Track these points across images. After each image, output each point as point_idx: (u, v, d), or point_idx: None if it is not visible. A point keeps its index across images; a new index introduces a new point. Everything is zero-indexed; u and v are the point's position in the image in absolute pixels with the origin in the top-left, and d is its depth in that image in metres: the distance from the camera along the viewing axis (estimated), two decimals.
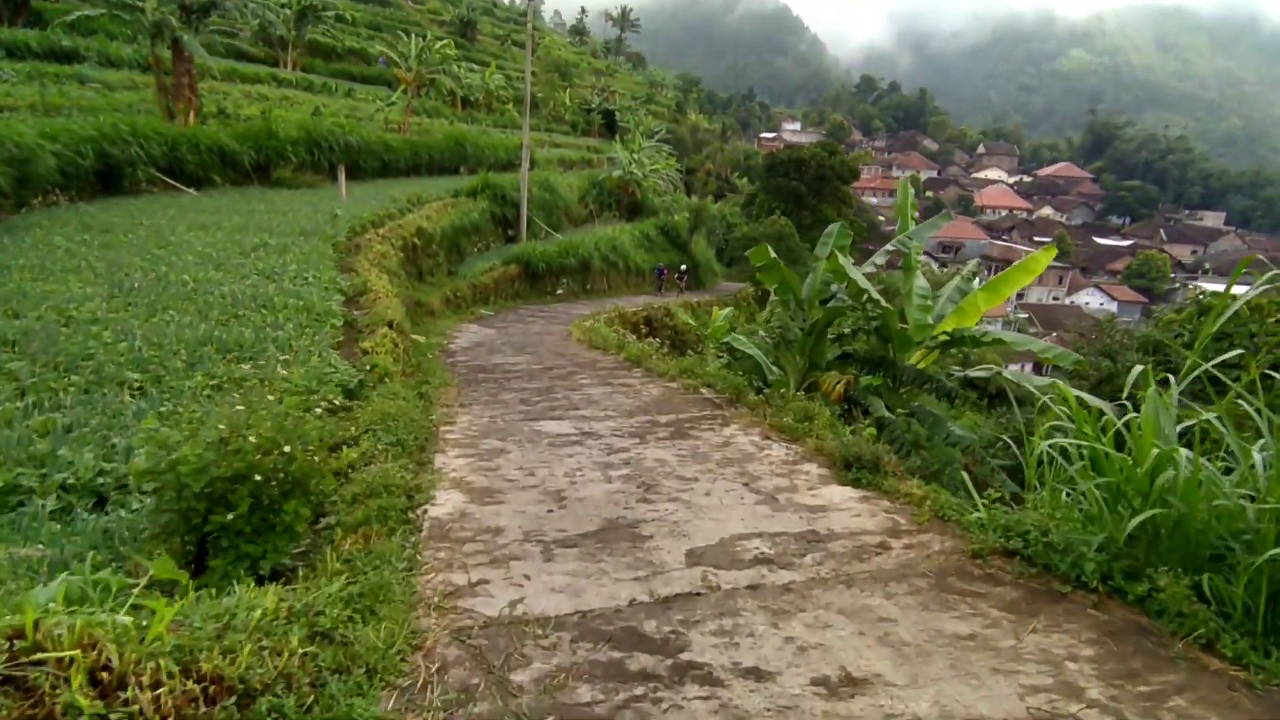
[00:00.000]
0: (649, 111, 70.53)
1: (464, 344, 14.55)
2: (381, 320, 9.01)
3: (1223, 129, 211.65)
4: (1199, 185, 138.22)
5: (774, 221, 35.10)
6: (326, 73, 42.09)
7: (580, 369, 10.77)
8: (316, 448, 3.79)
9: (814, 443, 6.02)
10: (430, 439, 6.14)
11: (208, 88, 28.46)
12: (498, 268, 22.86)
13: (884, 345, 7.99)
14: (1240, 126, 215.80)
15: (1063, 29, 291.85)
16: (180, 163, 19.40)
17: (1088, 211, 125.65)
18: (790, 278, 7.65)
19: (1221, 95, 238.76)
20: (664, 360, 10.51)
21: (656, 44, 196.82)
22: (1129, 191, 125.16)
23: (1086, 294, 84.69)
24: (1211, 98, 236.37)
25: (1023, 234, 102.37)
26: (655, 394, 8.58)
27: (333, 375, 6.57)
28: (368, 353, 7.67)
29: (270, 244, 12.35)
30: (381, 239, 15.93)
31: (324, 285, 9.91)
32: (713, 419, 7.18)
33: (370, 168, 26.57)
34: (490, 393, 8.82)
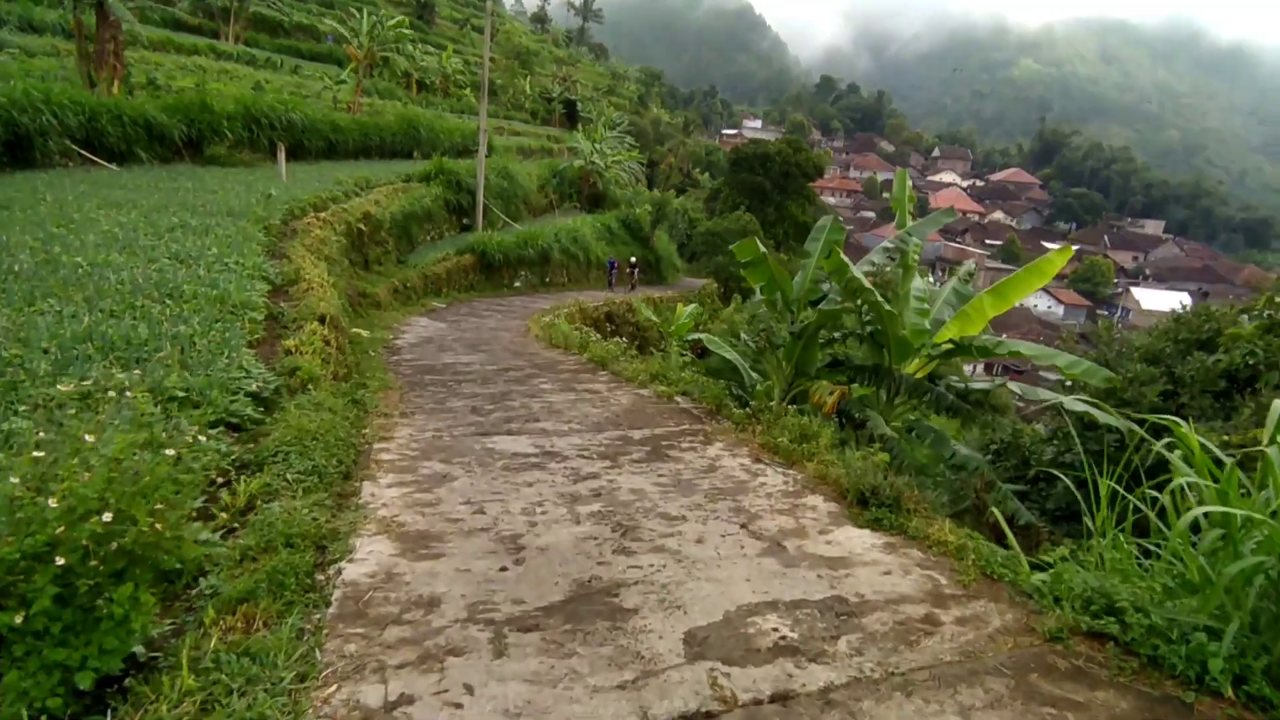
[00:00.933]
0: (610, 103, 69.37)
1: (411, 339, 13.38)
2: (311, 314, 7.86)
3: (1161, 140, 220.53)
4: (1141, 194, 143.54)
5: (738, 217, 34.49)
6: (271, 48, 39.86)
7: (540, 371, 9.77)
8: (171, 502, 2.75)
9: (815, 468, 5.17)
10: (359, 461, 5.10)
11: (138, 57, 26.38)
12: (451, 258, 21.58)
13: (878, 352, 7.24)
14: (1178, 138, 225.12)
15: (1014, 38, 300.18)
16: (100, 135, 17.63)
17: (1036, 216, 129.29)
18: (781, 275, 6.80)
19: (1161, 107, 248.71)
20: (633, 363, 9.59)
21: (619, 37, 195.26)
22: (1075, 199, 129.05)
23: (1034, 297, 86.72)
24: (1152, 110, 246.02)
25: (975, 237, 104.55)
26: (625, 403, 7.65)
27: (241, 381, 5.47)
28: (291, 353, 6.55)
29: (191, 225, 10.98)
30: (322, 223, 14.60)
31: (247, 273, 8.68)
32: (693, 435, 6.29)
33: (315, 148, 24.91)
34: (437, 398, 7.77)
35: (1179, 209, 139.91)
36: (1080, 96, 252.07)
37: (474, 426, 6.46)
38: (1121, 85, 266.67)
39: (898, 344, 6.86)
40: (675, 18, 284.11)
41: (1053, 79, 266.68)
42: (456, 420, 6.70)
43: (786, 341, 6.97)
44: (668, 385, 8.30)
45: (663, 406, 7.48)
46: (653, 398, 7.93)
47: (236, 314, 7.07)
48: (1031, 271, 7.09)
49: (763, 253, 6.70)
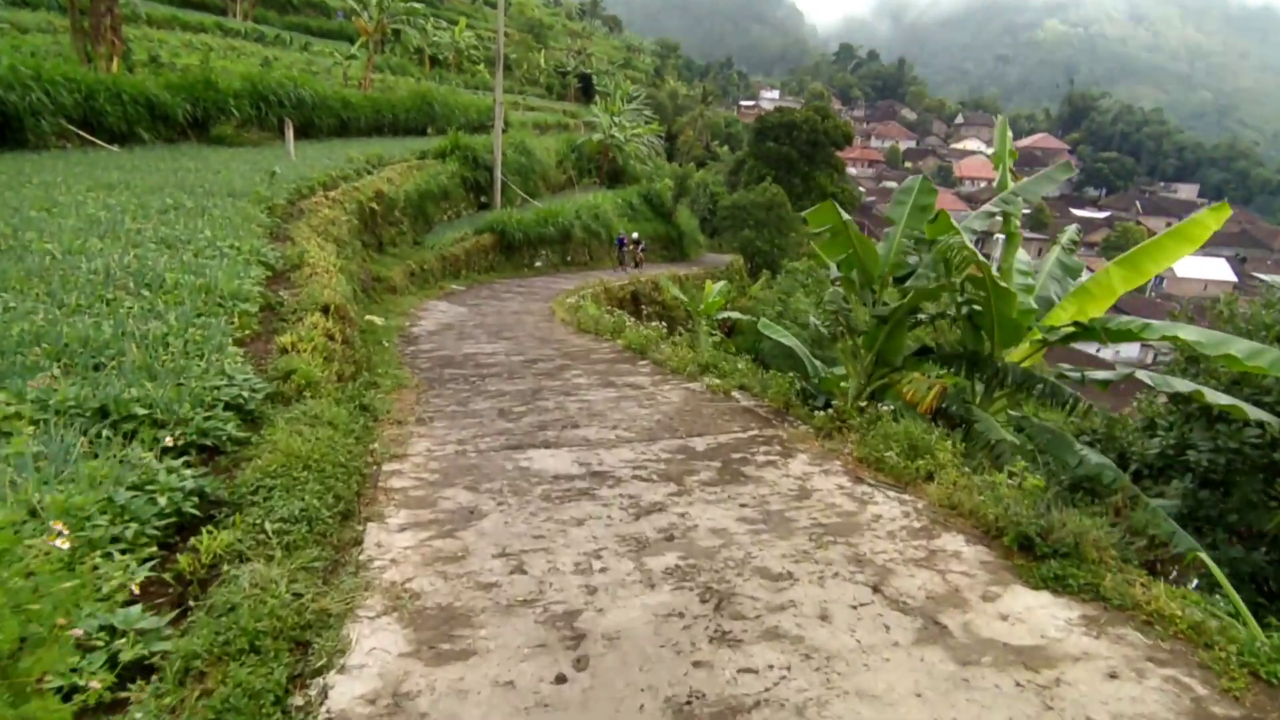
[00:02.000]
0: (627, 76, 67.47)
1: (429, 326, 12.38)
2: (314, 304, 6.84)
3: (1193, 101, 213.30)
4: (1174, 158, 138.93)
5: (764, 189, 32.98)
6: (280, 25, 38.72)
7: (571, 360, 8.72)
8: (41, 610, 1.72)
9: (939, 493, 4.07)
10: (364, 492, 4.07)
11: (140, 34, 25.41)
12: (469, 237, 20.50)
13: (976, 337, 6.10)
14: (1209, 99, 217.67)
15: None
16: (99, 115, 16.68)
17: (1065, 184, 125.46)
18: (865, 248, 5.63)
19: (1191, 68, 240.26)
20: (675, 350, 8.50)
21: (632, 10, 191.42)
22: (1105, 163, 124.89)
23: None
24: (1182, 70, 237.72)
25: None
26: (676, 401, 6.57)
27: (221, 390, 4.46)
28: (287, 351, 5.53)
29: (186, 206, 9.98)
30: (331, 203, 13.57)
31: (242, 258, 7.67)
32: (767, 444, 5.20)
33: (326, 125, 23.83)
34: (459, 398, 6.74)
35: (1214, 172, 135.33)
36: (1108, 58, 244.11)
37: (503, 436, 5.42)
38: (1151, 45, 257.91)
39: (1004, 327, 5.70)
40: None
41: (1080, 40, 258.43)
42: (483, 428, 5.66)
43: (870, 326, 5.85)
44: (722, 378, 7.21)
45: (720, 405, 6.39)
46: (706, 393, 6.84)
47: (224, 306, 6.06)
48: (1177, 236, 5.82)
49: (843, 220, 5.56)
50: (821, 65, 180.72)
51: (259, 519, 3.23)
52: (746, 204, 32.97)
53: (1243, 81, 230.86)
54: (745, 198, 33.44)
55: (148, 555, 3.06)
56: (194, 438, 4.03)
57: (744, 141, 70.97)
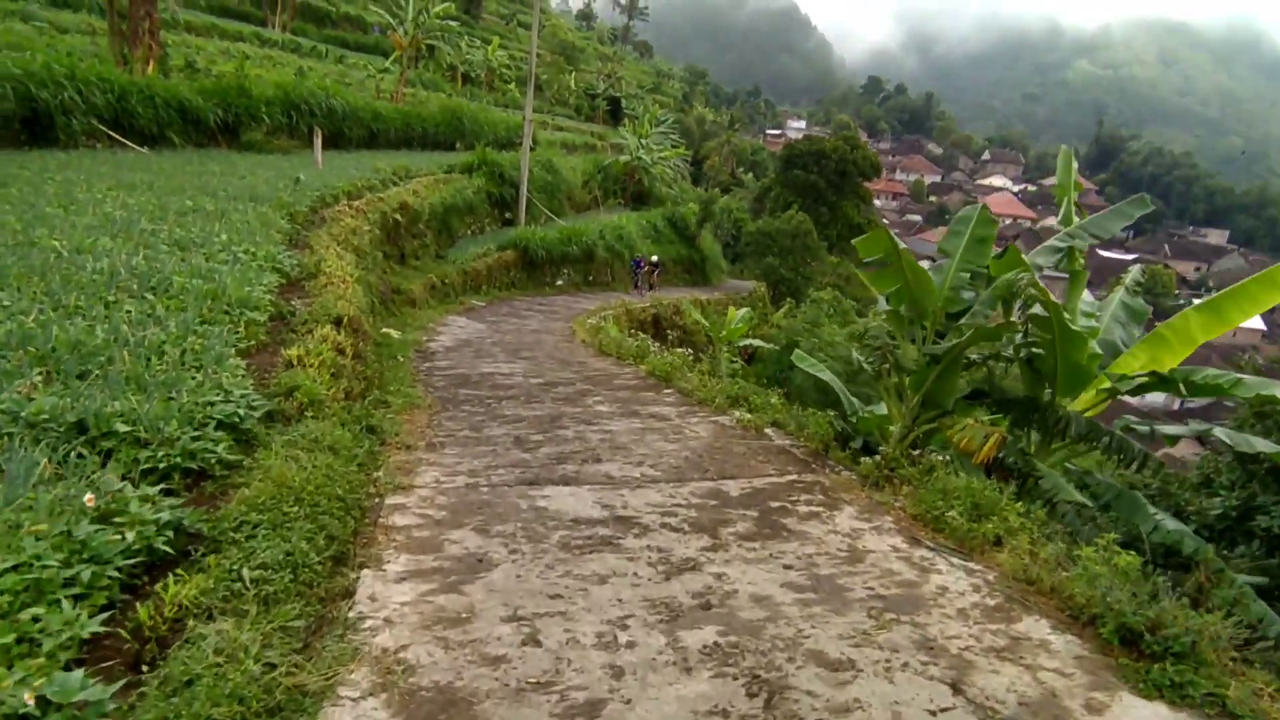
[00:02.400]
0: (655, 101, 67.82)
1: (447, 342, 12.03)
2: (326, 315, 6.48)
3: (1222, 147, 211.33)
4: (1203, 202, 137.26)
5: (790, 216, 32.62)
6: (318, 38, 39.25)
7: (593, 386, 8.29)
8: None
9: (1011, 562, 3.57)
10: (361, 529, 3.64)
11: (179, 40, 25.72)
12: (492, 253, 20.27)
13: (1036, 382, 5.60)
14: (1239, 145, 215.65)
15: (1069, 40, 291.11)
16: (130, 116, 16.68)
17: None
18: (919, 281, 5.16)
19: (1222, 113, 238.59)
20: (703, 380, 8.05)
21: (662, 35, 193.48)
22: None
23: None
24: (1212, 115, 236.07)
25: (1027, 243, 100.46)
26: (704, 436, 6.11)
27: (216, 408, 4.07)
28: (293, 365, 5.15)
29: (206, 209, 9.75)
30: (355, 212, 13.35)
31: (256, 263, 7.36)
32: (807, 491, 4.72)
33: (356, 136, 23.86)
34: (474, 422, 6.33)
35: (1244, 218, 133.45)
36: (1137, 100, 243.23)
37: (519, 468, 4.98)
38: (1181, 89, 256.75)
39: (1069, 373, 5.20)
40: (719, 17, 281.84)
41: (1109, 82, 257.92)
42: (497, 457, 5.23)
43: (919, 365, 5.38)
44: (753, 412, 6.74)
45: (753, 443, 5.92)
46: (737, 429, 6.38)
47: (230, 314, 5.71)
48: (1266, 282, 5.30)
49: (896, 249, 5.11)
50: (849, 97, 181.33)
51: (237, 563, 2.81)
52: (772, 231, 32.61)
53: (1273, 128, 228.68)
54: (771, 224, 33.10)
55: (105, 602, 2.65)
56: (178, 460, 3.63)
57: (769, 169, 70.95)
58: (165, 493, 3.54)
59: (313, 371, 5.14)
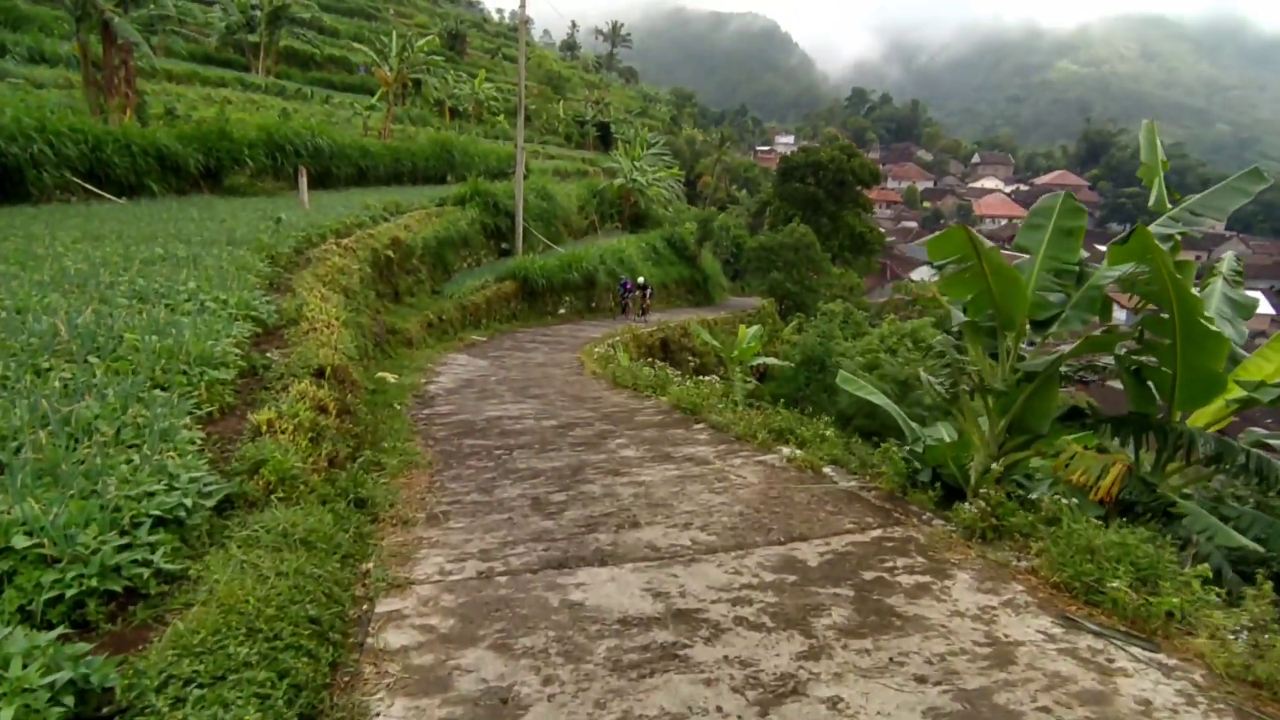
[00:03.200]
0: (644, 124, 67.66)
1: (447, 383, 11.16)
2: (305, 367, 5.60)
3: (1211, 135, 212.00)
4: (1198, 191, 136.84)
5: (793, 229, 31.90)
6: (302, 80, 38.89)
7: (613, 425, 7.39)
8: None
9: (1217, 655, 2.64)
10: (343, 660, 2.72)
11: (159, 89, 25.23)
12: (490, 285, 19.51)
13: (1143, 394, 4.71)
14: (1229, 132, 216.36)
15: (1049, 41, 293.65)
16: (106, 166, 16.03)
17: (1088, 219, 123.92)
18: (1009, 285, 4.25)
19: (1208, 102, 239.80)
20: (739, 413, 7.15)
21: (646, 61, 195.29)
22: (1128, 198, 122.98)
23: None
24: (1198, 105, 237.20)
25: None
26: (754, 481, 5.20)
27: (156, 500, 3.18)
28: (262, 432, 4.26)
29: (177, 256, 8.94)
30: (343, 250, 12.55)
31: (227, 313, 6.51)
32: (902, 553, 3.80)
33: (344, 175, 23.24)
34: (483, 482, 5.42)
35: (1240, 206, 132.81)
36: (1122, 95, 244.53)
37: (541, 543, 4.06)
38: (1165, 82, 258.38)
39: (1193, 382, 4.31)
40: (701, 40, 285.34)
41: (1092, 79, 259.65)
42: (513, 528, 4.32)
43: (1009, 384, 4.49)
44: (804, 447, 5.83)
45: (813, 488, 5.00)
46: (790, 470, 5.46)
47: (189, 374, 4.83)
48: None
49: (975, 248, 4.24)
50: (835, 109, 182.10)
51: None
52: (774, 245, 31.87)
53: (1261, 114, 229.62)
54: (773, 239, 32.37)
55: None
56: (94, 583, 2.73)
57: (761, 186, 70.62)
58: (76, 626, 2.65)
59: (286, 439, 4.24)
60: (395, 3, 71.42)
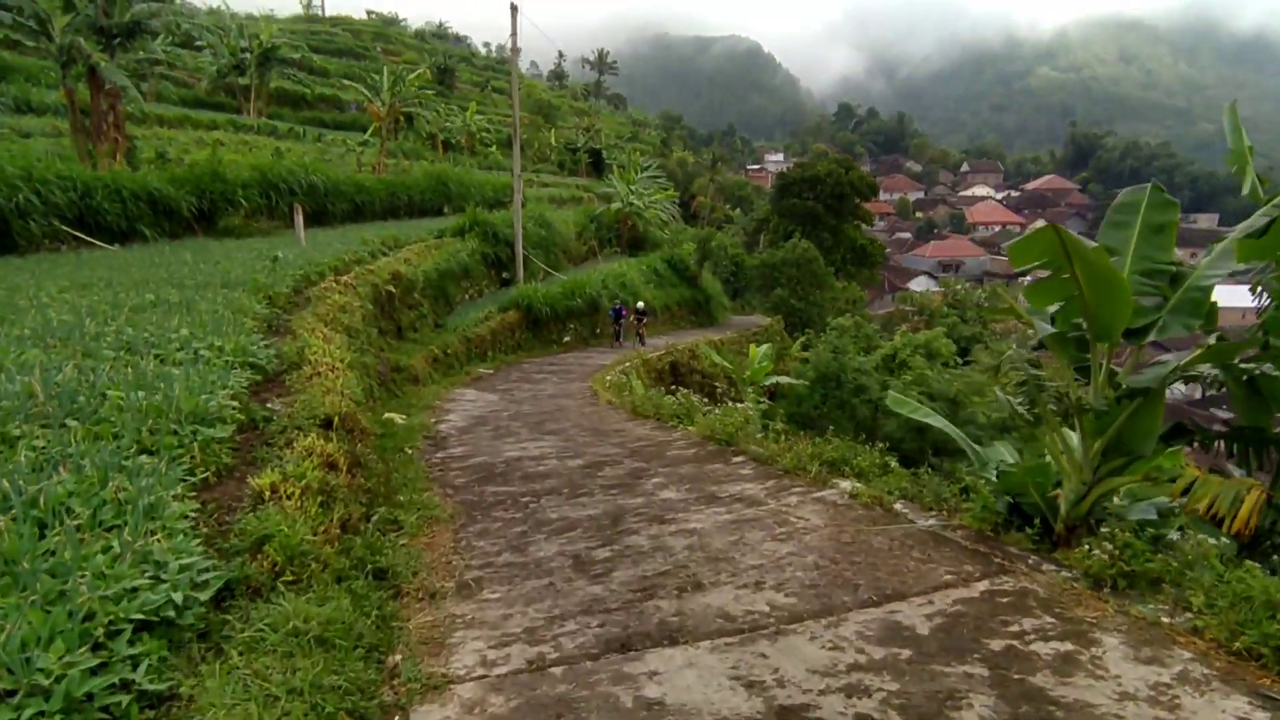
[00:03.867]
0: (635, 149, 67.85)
1: (458, 421, 10.59)
2: (312, 417, 5.06)
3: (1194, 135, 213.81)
4: (1188, 189, 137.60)
5: (794, 245, 31.52)
6: (294, 120, 38.80)
7: (645, 462, 6.82)
8: None
9: None
10: None
11: (150, 133, 24.97)
12: (494, 316, 19.02)
13: (1257, 406, 4.19)
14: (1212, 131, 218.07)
15: (1027, 49, 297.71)
16: (97, 213, 15.61)
17: (1080, 221, 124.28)
18: (1109, 289, 3.71)
19: (1189, 102, 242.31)
20: (782, 444, 6.59)
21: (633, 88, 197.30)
22: None
23: None
24: (1179, 105, 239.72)
25: None
26: (818, 523, 4.64)
27: (133, 601, 2.62)
28: (264, 500, 3.69)
29: (170, 302, 8.43)
30: (343, 288, 12.05)
31: (223, 361, 5.97)
32: (1020, 608, 3.23)
33: (339, 211, 22.88)
34: (513, 538, 4.84)
35: (1231, 200, 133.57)
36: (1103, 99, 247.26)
37: (594, 616, 3.49)
38: (1145, 84, 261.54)
39: None
40: (685, 64, 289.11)
41: (1073, 84, 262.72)
42: (558, 597, 3.74)
43: (1110, 404, 3.96)
44: (865, 480, 5.27)
45: (890, 529, 4.43)
46: (855, 508, 4.89)
47: (180, 434, 4.28)
48: None
49: (1066, 250, 3.72)
50: (823, 126, 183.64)
51: None
52: (776, 262, 31.47)
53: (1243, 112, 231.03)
54: (775, 255, 31.98)
55: None
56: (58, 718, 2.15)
57: (754, 204, 70.62)
58: None
59: (292, 506, 3.68)
60: (383, 41, 72.07)
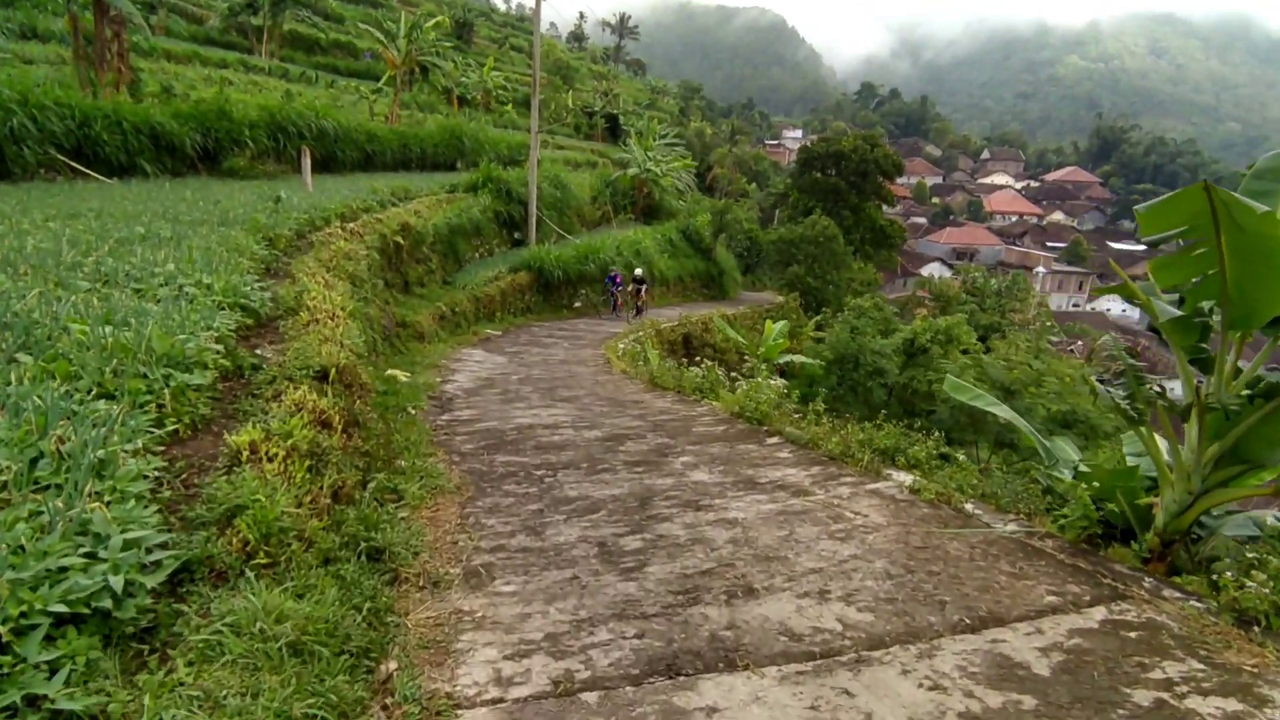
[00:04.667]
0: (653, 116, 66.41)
1: (465, 383, 10.00)
2: (305, 368, 4.45)
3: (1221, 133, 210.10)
4: None
5: (814, 221, 30.59)
6: (308, 64, 37.65)
7: (670, 438, 6.22)
8: None
9: None
10: None
11: (157, 68, 24.06)
12: (504, 276, 18.34)
13: None
14: (1238, 130, 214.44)
15: (1057, 37, 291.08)
16: (95, 144, 14.88)
17: (1099, 216, 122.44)
18: (1262, 261, 3.08)
19: (1217, 99, 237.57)
20: (827, 426, 6.00)
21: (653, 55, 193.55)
22: (1141, 195, 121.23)
23: (1107, 300, 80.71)
24: (1207, 102, 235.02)
25: (1035, 239, 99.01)
26: (880, 521, 4.04)
27: (63, 584, 2.05)
28: (241, 461, 3.09)
29: (161, 236, 7.80)
30: (349, 235, 11.41)
31: (212, 300, 5.36)
32: (1153, 646, 2.65)
33: (350, 159, 22.07)
34: (527, 517, 4.26)
35: None
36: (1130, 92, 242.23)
37: (630, 624, 2.90)
38: (1174, 78, 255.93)
39: None
40: (707, 34, 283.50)
41: (1101, 75, 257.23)
42: (584, 596, 3.16)
43: (1241, 404, 3.35)
44: (925, 473, 4.67)
45: (965, 533, 3.83)
46: (915, 503, 4.29)
47: (150, 378, 3.67)
48: None
49: (1216, 218, 3.08)
50: (843, 104, 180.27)
51: None
52: (795, 238, 30.58)
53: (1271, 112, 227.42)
54: (794, 231, 31.08)
55: None
56: None
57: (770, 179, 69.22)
58: None
59: (274, 470, 3.08)
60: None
